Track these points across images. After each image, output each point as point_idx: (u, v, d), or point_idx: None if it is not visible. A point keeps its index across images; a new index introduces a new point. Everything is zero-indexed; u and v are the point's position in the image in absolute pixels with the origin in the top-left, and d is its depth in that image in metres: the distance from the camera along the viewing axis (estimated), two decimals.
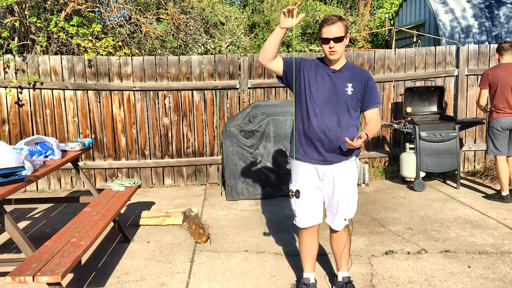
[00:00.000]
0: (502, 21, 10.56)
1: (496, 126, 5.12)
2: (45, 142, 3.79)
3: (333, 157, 2.83)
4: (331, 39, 2.70)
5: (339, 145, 2.80)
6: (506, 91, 5.04)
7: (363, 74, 2.86)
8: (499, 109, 5.09)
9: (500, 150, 5.15)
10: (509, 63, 5.09)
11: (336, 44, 2.71)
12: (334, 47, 2.71)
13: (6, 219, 2.92)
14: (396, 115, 6.52)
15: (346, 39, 2.77)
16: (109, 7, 7.72)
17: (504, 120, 5.07)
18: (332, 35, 2.70)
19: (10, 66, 5.86)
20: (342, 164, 2.86)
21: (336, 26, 2.70)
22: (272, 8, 10.15)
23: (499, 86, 5.05)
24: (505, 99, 5.05)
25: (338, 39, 2.71)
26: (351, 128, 2.82)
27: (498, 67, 5.12)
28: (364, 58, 6.38)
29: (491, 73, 5.12)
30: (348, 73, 2.82)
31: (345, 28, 2.75)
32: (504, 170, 5.16)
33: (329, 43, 2.71)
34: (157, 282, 3.35)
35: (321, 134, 2.79)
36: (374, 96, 2.87)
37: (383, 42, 13.57)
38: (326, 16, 2.78)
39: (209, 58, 6.20)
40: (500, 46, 5.17)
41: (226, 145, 5.45)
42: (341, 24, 2.72)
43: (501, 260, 3.62)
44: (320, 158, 2.84)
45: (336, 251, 3.07)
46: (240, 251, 3.90)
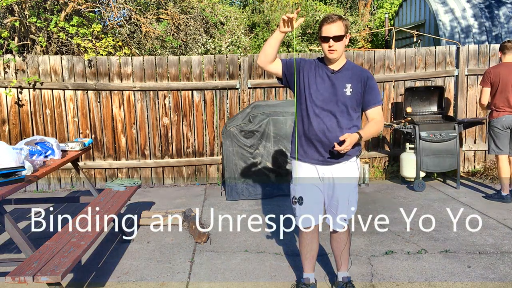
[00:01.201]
0: (502, 21, 10.55)
1: (497, 125, 5.12)
2: (45, 142, 3.79)
3: (332, 157, 2.83)
4: (330, 38, 2.69)
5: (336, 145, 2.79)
6: (507, 90, 5.04)
7: (363, 74, 2.84)
8: (499, 107, 5.09)
9: (501, 149, 5.15)
10: (509, 63, 5.09)
11: (335, 43, 2.70)
12: (334, 46, 2.70)
13: (6, 219, 2.92)
14: (396, 115, 6.52)
15: (346, 38, 2.76)
16: (109, 7, 7.72)
17: (505, 118, 5.08)
18: (332, 33, 2.69)
19: (10, 66, 5.86)
20: (342, 164, 2.85)
21: (336, 25, 2.69)
22: (272, 8, 10.15)
23: (501, 84, 5.05)
24: (506, 98, 5.05)
25: (337, 38, 2.70)
26: (352, 128, 2.81)
27: (500, 66, 5.12)
28: (364, 58, 6.38)
29: (493, 71, 5.12)
30: (347, 73, 2.81)
31: (345, 27, 2.74)
32: (506, 169, 5.16)
33: (328, 42, 2.70)
34: (157, 282, 3.35)
35: (320, 135, 2.79)
36: (374, 95, 2.85)
37: (383, 42, 13.57)
38: (327, 15, 2.78)
39: (209, 58, 6.20)
40: (503, 45, 5.15)
41: (226, 145, 5.45)
42: (341, 23, 2.71)
43: (501, 260, 3.62)
44: (320, 158, 2.84)
45: (336, 251, 3.07)
46: (240, 251, 3.90)
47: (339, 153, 2.78)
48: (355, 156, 2.89)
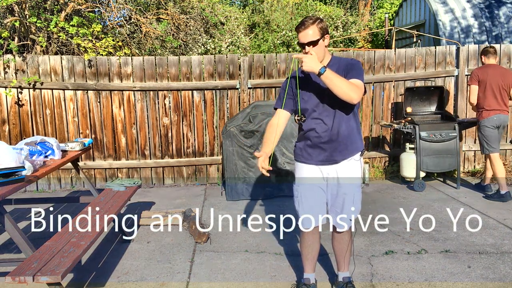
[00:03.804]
0: (502, 21, 10.55)
1: (488, 124, 5.22)
2: (45, 142, 3.79)
3: (337, 155, 2.84)
4: (305, 44, 2.68)
5: (339, 143, 2.81)
6: (495, 89, 5.19)
7: (347, 62, 2.76)
8: (489, 107, 5.22)
9: (494, 147, 5.25)
10: (495, 64, 5.33)
11: (311, 48, 2.67)
12: (310, 51, 2.67)
13: (6, 219, 2.92)
14: (396, 115, 6.52)
15: (324, 40, 2.72)
16: (109, 7, 7.72)
17: (495, 117, 5.20)
18: (306, 39, 2.67)
19: (10, 66, 5.86)
20: (346, 162, 2.86)
21: (309, 30, 2.66)
22: (272, 8, 10.14)
23: (489, 84, 5.19)
24: (495, 97, 5.20)
25: (312, 43, 2.67)
26: (349, 123, 2.81)
27: (487, 67, 5.29)
28: (364, 58, 6.38)
29: (480, 71, 5.28)
30: (334, 68, 2.71)
31: (321, 29, 2.69)
32: (500, 167, 5.23)
33: (304, 48, 2.70)
34: (157, 282, 3.35)
35: (324, 135, 2.80)
36: (354, 73, 2.68)
37: (383, 42, 13.57)
38: (301, 20, 2.75)
39: (209, 58, 6.20)
40: (485, 49, 5.38)
41: (226, 145, 5.45)
42: (315, 27, 2.67)
43: (501, 260, 3.62)
44: (324, 158, 2.85)
45: (337, 252, 3.07)
46: (240, 251, 3.90)
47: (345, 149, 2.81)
48: (359, 154, 2.89)
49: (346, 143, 2.82)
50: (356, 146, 2.87)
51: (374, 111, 6.50)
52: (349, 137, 2.82)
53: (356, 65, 2.74)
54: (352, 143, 2.84)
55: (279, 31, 9.41)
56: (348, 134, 2.81)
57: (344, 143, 2.82)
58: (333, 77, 2.55)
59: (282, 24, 9.50)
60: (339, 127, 2.78)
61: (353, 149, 2.85)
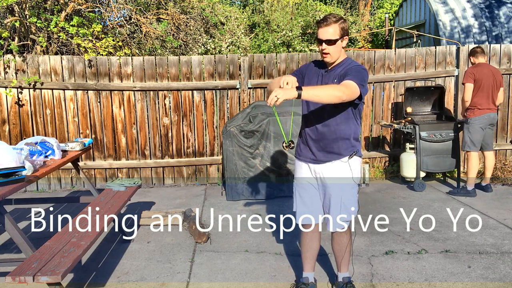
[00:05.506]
0: (502, 21, 10.55)
1: (478, 123, 5.29)
2: (45, 142, 3.79)
3: (322, 156, 2.83)
4: (323, 41, 2.66)
5: (328, 145, 2.80)
6: (488, 89, 5.24)
7: (351, 66, 2.70)
8: (481, 105, 5.27)
9: (476, 146, 5.36)
10: (487, 63, 5.40)
11: (328, 46, 2.66)
12: (326, 49, 2.66)
13: (6, 219, 2.92)
14: (396, 115, 6.52)
15: (343, 41, 2.70)
16: (109, 7, 7.72)
17: (486, 116, 5.27)
18: (325, 37, 2.65)
19: (10, 66, 5.86)
20: (330, 164, 2.82)
21: (331, 28, 2.64)
22: (272, 8, 10.14)
23: (483, 83, 5.24)
24: (487, 97, 5.25)
25: (330, 42, 2.64)
26: (342, 125, 2.77)
27: (481, 66, 5.32)
28: (364, 58, 6.38)
29: (476, 70, 5.30)
30: (339, 69, 2.73)
31: (342, 30, 2.66)
32: (475, 167, 5.39)
33: (321, 45, 2.68)
34: (157, 282, 3.35)
35: (312, 134, 2.84)
36: (349, 76, 2.59)
37: (383, 42, 13.56)
38: (325, 15, 2.74)
39: (209, 58, 6.20)
40: (473, 50, 5.43)
41: (226, 145, 5.45)
42: (337, 26, 2.65)
43: (501, 260, 3.62)
44: (312, 157, 2.88)
45: (336, 252, 3.06)
46: (240, 251, 3.90)
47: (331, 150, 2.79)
48: (347, 157, 2.81)
49: (332, 146, 2.78)
50: (345, 150, 2.79)
51: (374, 111, 6.50)
52: (336, 141, 2.77)
53: (355, 69, 2.67)
54: (339, 147, 2.78)
55: (279, 31, 9.41)
56: (336, 138, 2.77)
57: (329, 145, 2.79)
58: (312, 93, 2.45)
59: (282, 24, 9.50)
60: (327, 129, 2.77)
61: (339, 152, 2.79)
